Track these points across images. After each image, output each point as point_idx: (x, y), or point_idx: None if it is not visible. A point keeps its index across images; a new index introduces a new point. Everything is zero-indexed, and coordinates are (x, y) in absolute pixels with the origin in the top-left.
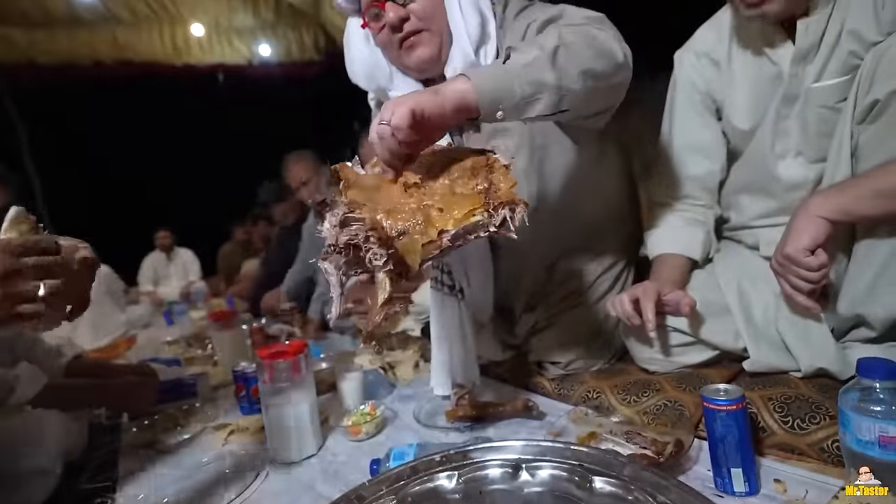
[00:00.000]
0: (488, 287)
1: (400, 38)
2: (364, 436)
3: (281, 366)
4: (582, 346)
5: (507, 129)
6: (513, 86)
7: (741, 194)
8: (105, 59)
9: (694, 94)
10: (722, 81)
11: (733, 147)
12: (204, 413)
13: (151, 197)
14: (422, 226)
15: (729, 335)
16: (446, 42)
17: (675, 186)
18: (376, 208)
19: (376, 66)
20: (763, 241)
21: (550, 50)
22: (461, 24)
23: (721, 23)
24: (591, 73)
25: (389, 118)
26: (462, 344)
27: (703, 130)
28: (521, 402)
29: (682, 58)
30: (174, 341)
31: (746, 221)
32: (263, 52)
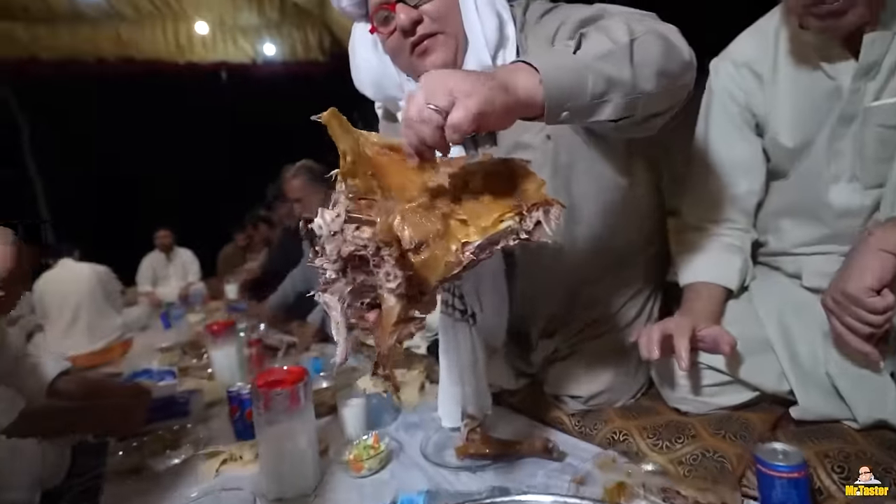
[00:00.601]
0: (503, 311)
1: (412, 42)
2: (367, 472)
3: (278, 396)
4: (606, 380)
5: (528, 145)
6: (586, 81)
7: (783, 218)
8: (108, 55)
9: (732, 107)
10: (764, 95)
11: (775, 166)
12: (196, 434)
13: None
14: (443, 238)
15: (771, 375)
16: (462, 46)
17: (709, 207)
18: (389, 206)
19: (384, 75)
20: (807, 270)
21: (625, 44)
22: (477, 26)
23: (765, 32)
24: (664, 72)
25: (442, 105)
26: (473, 373)
27: (742, 146)
28: (541, 442)
29: (719, 67)
30: (169, 348)
31: (787, 247)
32: (268, 51)
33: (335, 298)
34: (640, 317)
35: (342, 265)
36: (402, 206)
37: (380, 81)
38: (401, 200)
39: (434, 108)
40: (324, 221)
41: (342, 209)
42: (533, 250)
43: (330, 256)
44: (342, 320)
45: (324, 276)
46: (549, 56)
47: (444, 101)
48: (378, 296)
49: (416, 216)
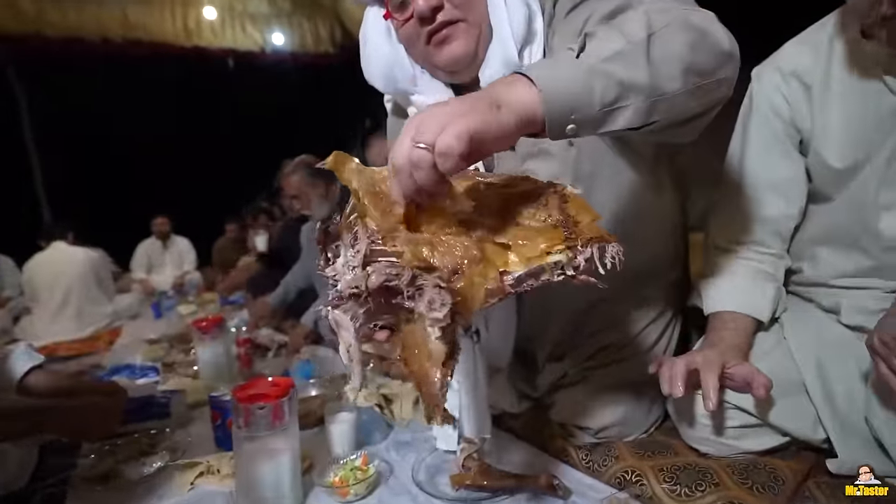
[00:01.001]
0: (510, 331)
1: (430, 30)
2: (353, 497)
3: (259, 411)
4: (618, 412)
5: (547, 152)
6: (592, 88)
7: (822, 245)
8: (114, 35)
9: (775, 121)
10: (813, 108)
11: (817, 187)
12: (174, 440)
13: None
14: (480, 264)
15: (806, 421)
16: (485, 37)
17: (741, 229)
18: (415, 239)
19: (397, 65)
20: (846, 305)
21: (640, 40)
22: (504, 16)
23: (817, 40)
24: (693, 68)
25: (431, 140)
26: (473, 394)
27: (783, 164)
28: (545, 477)
29: (763, 75)
30: (156, 340)
31: (825, 278)
32: (277, 40)
33: (347, 318)
34: (658, 344)
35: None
36: (429, 235)
37: (391, 73)
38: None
39: (423, 147)
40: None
41: (363, 245)
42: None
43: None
44: (356, 344)
45: (335, 291)
46: (547, 63)
47: (428, 135)
48: (395, 322)
49: (446, 243)
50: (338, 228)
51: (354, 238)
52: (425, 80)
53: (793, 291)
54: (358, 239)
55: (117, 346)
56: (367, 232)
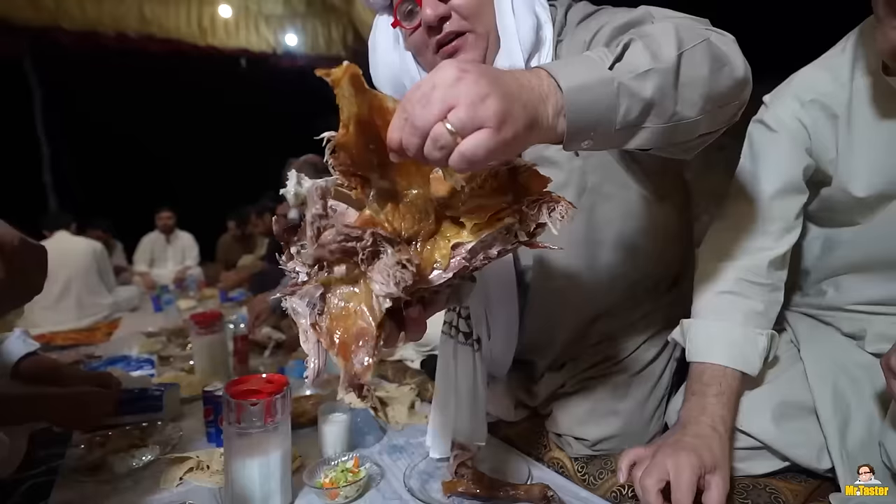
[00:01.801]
0: (511, 341)
1: (438, 40)
2: (342, 499)
3: (252, 409)
4: (615, 424)
5: (551, 160)
6: (617, 105)
7: (847, 271)
8: (129, 31)
9: (789, 149)
10: (838, 136)
11: (841, 214)
12: (166, 433)
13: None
14: (432, 238)
15: (811, 449)
16: (492, 46)
17: (737, 252)
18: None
19: (405, 73)
20: (872, 332)
21: (671, 61)
22: (512, 26)
23: (838, 66)
24: (712, 95)
25: (464, 127)
26: (471, 402)
27: (790, 193)
28: (539, 488)
29: (779, 103)
30: (154, 333)
31: (849, 304)
32: (289, 41)
33: (304, 303)
34: (658, 359)
35: (319, 260)
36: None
37: (399, 80)
38: (400, 184)
39: (451, 130)
40: (294, 188)
41: (329, 184)
42: (548, 273)
43: (309, 243)
44: (312, 331)
45: (294, 279)
46: (575, 68)
47: (468, 121)
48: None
49: (409, 206)
50: (303, 225)
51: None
52: None
53: (813, 315)
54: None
55: (115, 338)
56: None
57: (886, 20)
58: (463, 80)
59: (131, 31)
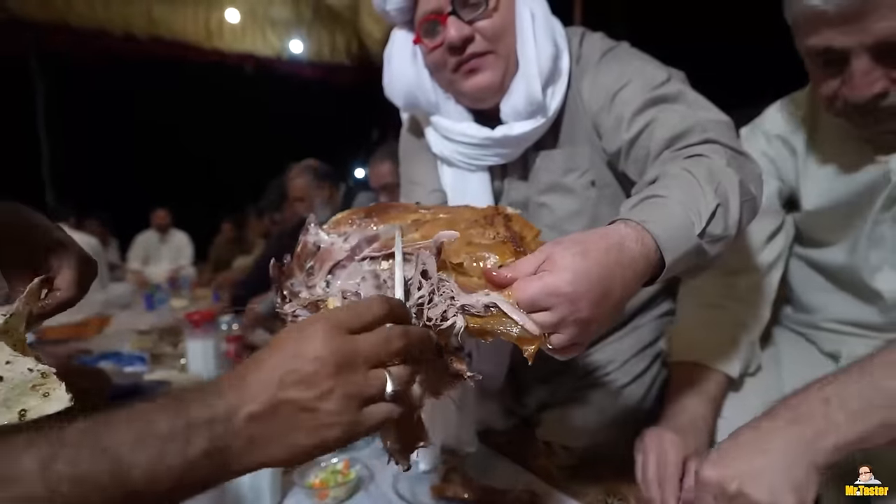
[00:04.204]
0: (504, 355)
1: (458, 60)
2: (331, 500)
3: None
4: (603, 434)
5: (569, 189)
6: (692, 258)
7: (823, 292)
8: (137, 31)
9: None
10: (797, 171)
11: (814, 235)
12: None
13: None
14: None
15: None
16: (511, 69)
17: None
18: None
19: (419, 89)
20: (846, 352)
21: (735, 228)
22: (532, 52)
23: (800, 105)
24: (741, 226)
25: (561, 343)
26: (461, 409)
27: (767, 219)
28: (527, 495)
29: (750, 138)
30: (147, 331)
31: (823, 322)
32: (295, 48)
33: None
34: (648, 371)
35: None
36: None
37: (413, 94)
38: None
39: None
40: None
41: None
42: None
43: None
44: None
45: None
46: (678, 240)
47: (568, 340)
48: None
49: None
50: (290, 266)
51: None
52: (447, 105)
53: (798, 331)
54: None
55: (106, 334)
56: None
57: (813, 77)
58: (576, 315)
59: (139, 32)
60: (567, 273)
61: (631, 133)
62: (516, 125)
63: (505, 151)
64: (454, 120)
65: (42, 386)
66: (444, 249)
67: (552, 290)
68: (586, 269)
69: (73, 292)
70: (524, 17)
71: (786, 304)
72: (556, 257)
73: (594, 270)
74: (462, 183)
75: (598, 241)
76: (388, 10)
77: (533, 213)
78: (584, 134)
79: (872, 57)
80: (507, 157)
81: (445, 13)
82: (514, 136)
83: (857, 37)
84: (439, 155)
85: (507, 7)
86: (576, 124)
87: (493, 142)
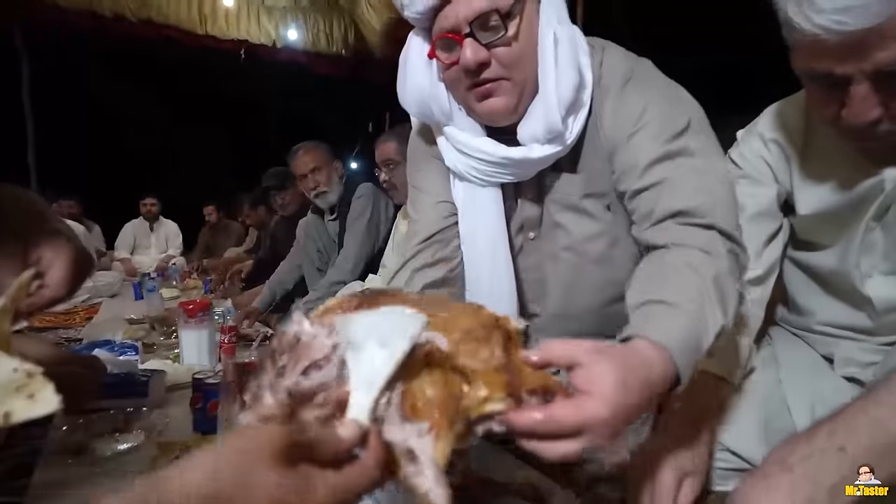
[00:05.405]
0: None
1: (472, 83)
2: None
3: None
4: None
5: (585, 211)
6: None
7: (816, 295)
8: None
9: (758, 184)
10: (792, 176)
11: (808, 237)
12: (150, 420)
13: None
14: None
15: None
16: (528, 93)
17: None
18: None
19: (433, 99)
20: (839, 355)
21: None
22: (551, 81)
23: (796, 110)
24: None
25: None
26: None
27: (765, 221)
28: (527, 488)
29: (746, 141)
30: (137, 320)
31: (817, 325)
32: (290, 36)
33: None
34: None
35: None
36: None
37: (426, 103)
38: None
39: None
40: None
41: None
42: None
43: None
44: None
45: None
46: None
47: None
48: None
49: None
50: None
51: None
52: (462, 119)
53: (794, 333)
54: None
55: (95, 323)
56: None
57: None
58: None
59: (130, 14)
60: (608, 408)
61: (641, 184)
62: (536, 148)
63: (521, 172)
64: (468, 133)
65: (26, 387)
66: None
67: (590, 423)
68: (625, 404)
69: (64, 290)
70: (547, 44)
71: (782, 305)
72: (595, 379)
73: (633, 404)
74: (473, 198)
75: (637, 371)
76: (407, 15)
77: (547, 232)
78: (603, 160)
79: (872, 84)
80: (522, 176)
81: (463, 34)
82: (533, 158)
83: (858, 65)
84: (452, 168)
85: (528, 34)
86: (595, 150)
87: (511, 162)
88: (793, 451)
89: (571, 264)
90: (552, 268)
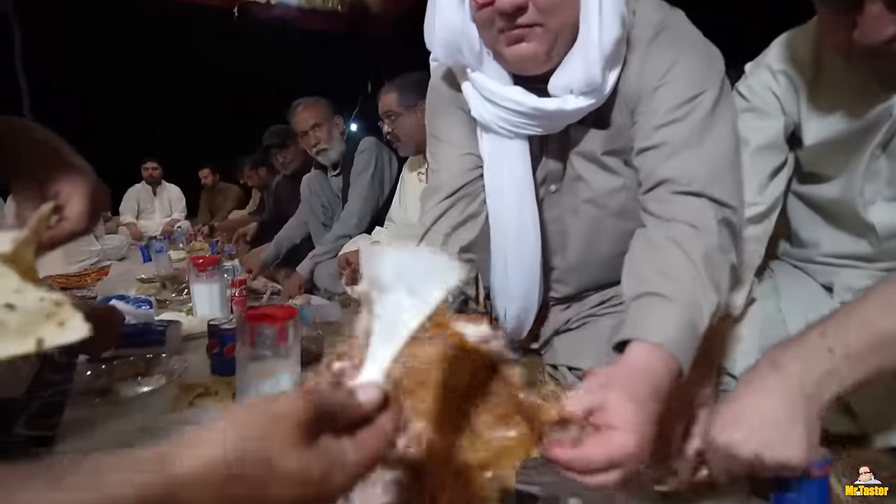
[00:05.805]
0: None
1: (505, 26)
2: None
3: (266, 331)
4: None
5: (608, 167)
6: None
7: (818, 226)
8: None
9: (766, 115)
10: (799, 105)
11: (812, 168)
12: (170, 365)
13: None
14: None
15: None
16: (562, 41)
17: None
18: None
19: (464, 40)
20: (839, 283)
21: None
22: (595, 31)
23: (805, 40)
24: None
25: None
26: None
27: (771, 153)
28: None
29: (755, 72)
30: (148, 280)
31: (818, 256)
32: None
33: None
34: None
35: None
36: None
37: (455, 44)
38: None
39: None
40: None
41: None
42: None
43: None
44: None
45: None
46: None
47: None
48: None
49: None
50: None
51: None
52: (491, 65)
53: (795, 265)
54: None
55: (107, 281)
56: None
57: (822, 21)
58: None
59: None
60: (633, 436)
61: (647, 143)
62: (571, 100)
63: (550, 124)
64: (497, 81)
65: (56, 315)
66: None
67: (619, 457)
68: (645, 422)
69: (84, 223)
70: None
71: (784, 239)
72: (614, 416)
73: (649, 415)
74: (500, 150)
75: (643, 385)
76: None
77: (569, 185)
78: (626, 114)
79: (886, 2)
80: (551, 129)
81: None
82: (567, 110)
83: None
84: (478, 118)
85: None
86: (620, 103)
87: (541, 113)
88: (784, 352)
89: (592, 217)
90: (573, 220)
